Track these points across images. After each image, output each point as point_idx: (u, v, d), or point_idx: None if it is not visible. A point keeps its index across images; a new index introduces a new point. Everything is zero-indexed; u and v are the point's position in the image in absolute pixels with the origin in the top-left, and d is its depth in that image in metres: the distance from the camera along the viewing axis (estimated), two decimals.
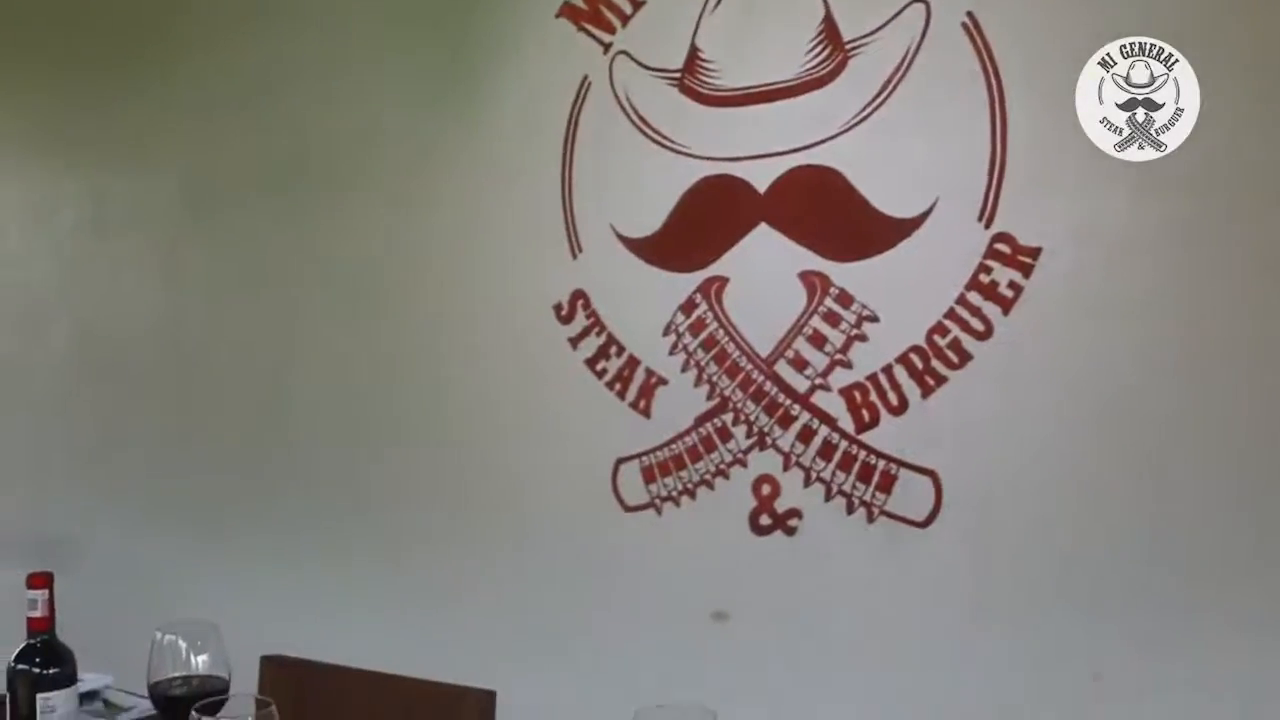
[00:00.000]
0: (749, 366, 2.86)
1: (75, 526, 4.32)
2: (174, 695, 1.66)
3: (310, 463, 3.71)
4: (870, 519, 2.72)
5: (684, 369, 2.96)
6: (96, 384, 4.32)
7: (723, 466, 2.89)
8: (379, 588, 3.53)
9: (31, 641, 1.58)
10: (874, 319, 2.71)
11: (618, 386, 3.06)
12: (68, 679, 1.58)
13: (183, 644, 1.68)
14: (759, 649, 2.83)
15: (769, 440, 2.84)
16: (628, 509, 3.04)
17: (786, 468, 2.82)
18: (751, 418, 2.86)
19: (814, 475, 2.78)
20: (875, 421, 2.71)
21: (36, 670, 1.56)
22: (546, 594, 3.17)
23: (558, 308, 3.16)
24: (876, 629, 2.72)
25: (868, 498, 2.72)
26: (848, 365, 2.75)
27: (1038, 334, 2.54)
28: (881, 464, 2.70)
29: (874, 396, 2.72)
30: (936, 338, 2.63)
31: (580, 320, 3.12)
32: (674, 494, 2.96)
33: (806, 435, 2.79)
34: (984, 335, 2.57)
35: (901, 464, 2.68)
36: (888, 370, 2.69)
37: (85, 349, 4.35)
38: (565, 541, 3.17)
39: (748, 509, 2.86)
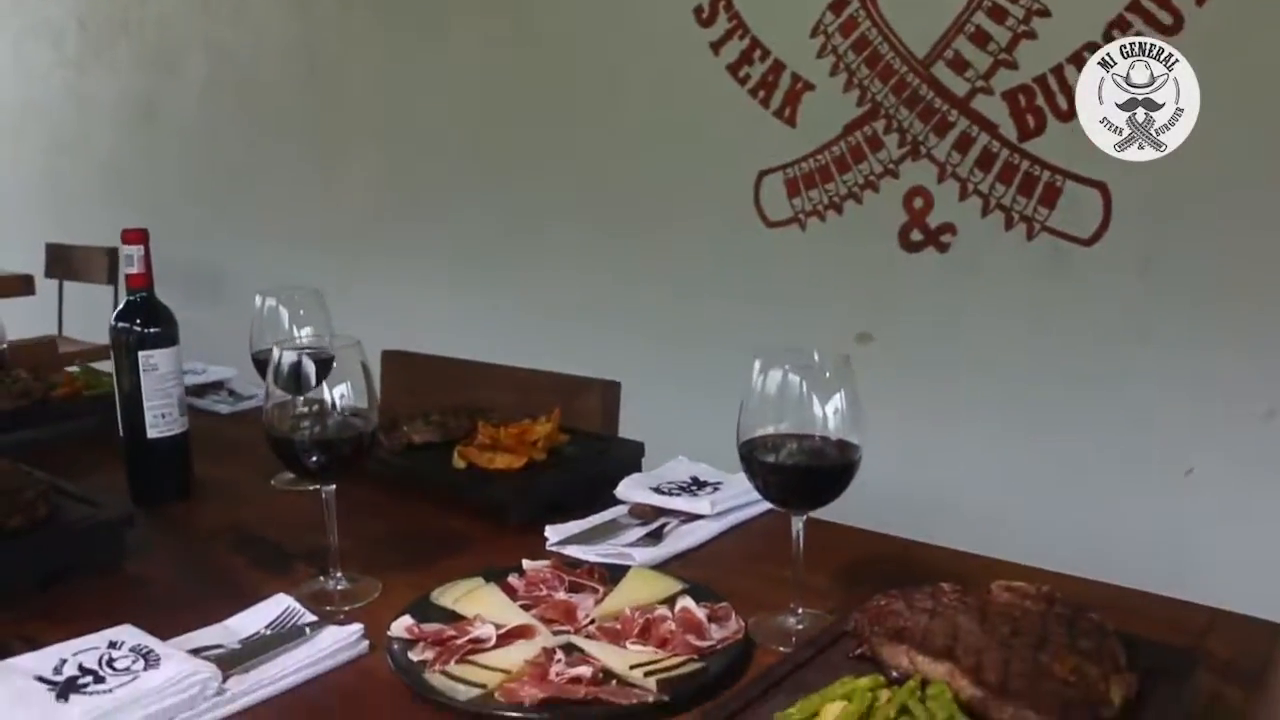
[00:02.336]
0: (903, 69, 2.63)
1: (219, 257, 4.44)
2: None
3: (453, 190, 3.69)
4: (1030, 235, 2.53)
5: (832, 73, 2.74)
6: (235, 114, 4.35)
7: (872, 178, 2.71)
8: (509, 299, 3.54)
9: (131, 299, 1.57)
10: (1045, 13, 2.43)
11: (761, 94, 2.87)
12: (169, 339, 1.56)
13: (284, 311, 1.66)
14: (904, 371, 2.70)
15: (923, 150, 2.64)
16: (770, 224, 2.90)
17: (941, 179, 2.62)
18: (905, 125, 2.65)
19: (971, 187, 2.59)
20: (1041, 129, 2.48)
21: (138, 328, 1.55)
22: (682, 309, 3.09)
23: (698, 11, 2.95)
24: (1033, 350, 2.57)
25: (1029, 212, 2.52)
26: (1013, 66, 2.49)
27: (1235, 26, 2.25)
28: (1046, 175, 2.48)
29: (1040, 100, 2.47)
30: (1115, 33, 2.34)
31: (722, 23, 2.90)
32: (819, 208, 2.80)
33: (964, 143, 2.58)
34: (1172, 30, 2.27)
35: (1068, 175, 2.46)
36: (1058, 71, 2.42)
37: (219, 77, 4.38)
38: (704, 257, 3.08)
39: (898, 224, 2.70)
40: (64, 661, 1.11)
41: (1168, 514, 2.45)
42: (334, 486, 1.32)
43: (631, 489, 1.56)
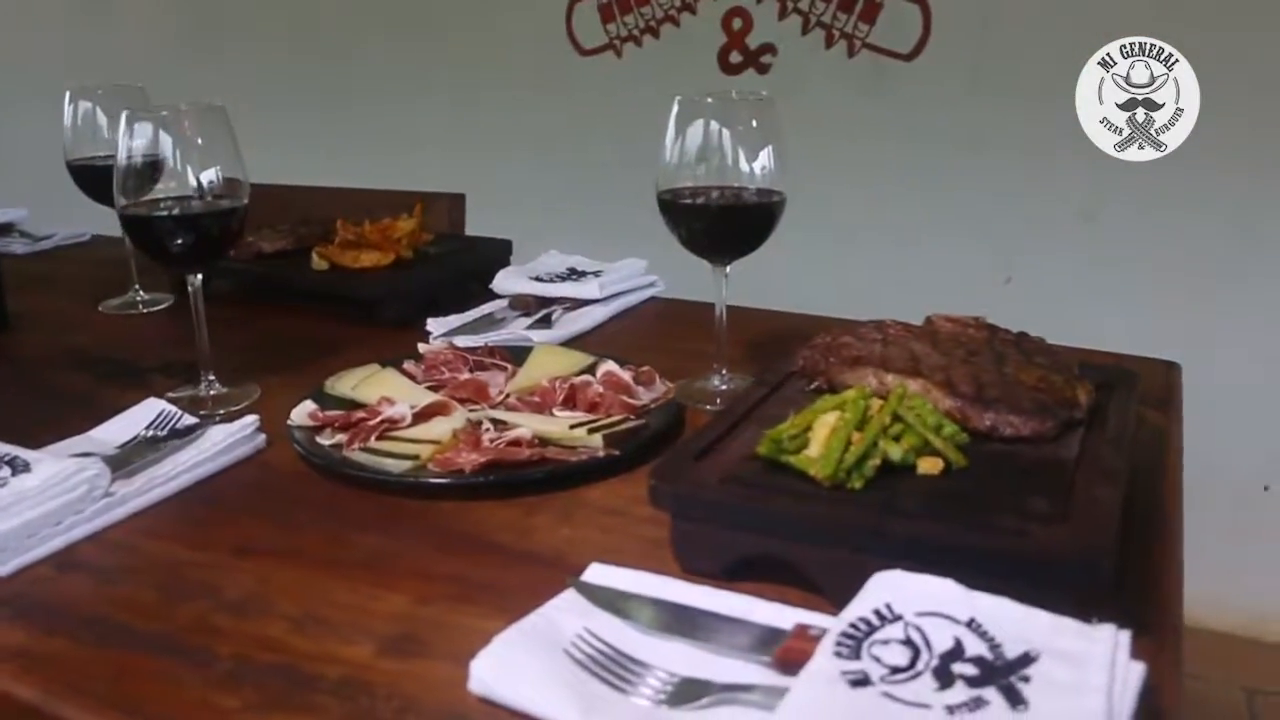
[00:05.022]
0: None
1: None
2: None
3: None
4: (852, 52, 2.51)
5: None
6: None
7: (689, 0, 2.63)
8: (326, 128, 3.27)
9: None
10: None
11: None
12: None
13: (102, 115, 1.46)
14: None
15: None
16: (584, 53, 2.79)
17: None
18: None
19: (790, 6, 2.54)
20: None
21: None
22: (497, 145, 2.94)
23: None
24: (859, 169, 2.56)
25: (849, 29, 2.50)
26: None
27: None
28: None
29: None
30: None
31: None
32: (635, 33, 2.71)
33: None
34: None
35: None
36: None
37: None
38: (516, 88, 2.93)
39: (717, 45, 2.63)
40: None
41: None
42: (200, 277, 1.17)
43: (510, 280, 1.46)
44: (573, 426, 1.02)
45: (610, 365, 1.14)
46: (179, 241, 1.13)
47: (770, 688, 0.68)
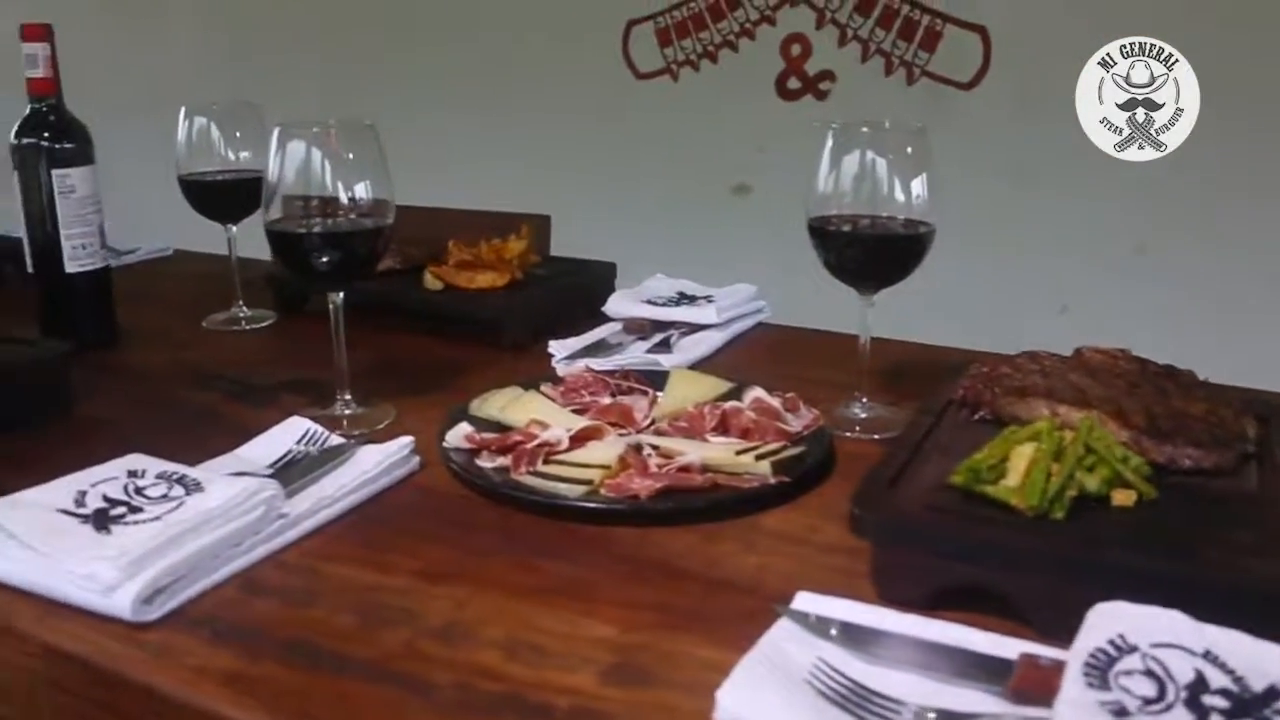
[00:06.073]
0: None
1: None
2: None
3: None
4: (911, 80, 2.52)
5: None
6: None
7: (748, 25, 2.64)
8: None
9: (37, 107, 1.32)
10: None
11: None
12: (85, 156, 1.33)
13: (216, 130, 1.45)
14: (784, 221, 2.65)
15: None
16: (640, 76, 2.79)
17: (820, 25, 2.57)
18: None
19: (850, 33, 2.55)
20: None
21: (47, 143, 1.31)
22: (556, 169, 2.94)
23: None
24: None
25: (909, 57, 2.51)
26: None
27: None
28: (926, 20, 2.47)
29: None
30: None
31: None
32: (692, 58, 2.71)
33: None
34: None
35: (948, 19, 2.45)
36: None
37: None
38: (574, 113, 2.92)
39: (775, 72, 2.64)
40: (83, 493, 0.93)
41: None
42: (342, 295, 1.16)
43: (623, 303, 1.46)
44: (740, 452, 1.02)
45: (759, 392, 1.14)
46: (325, 259, 1.12)
47: (1021, 717, 0.68)
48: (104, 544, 0.85)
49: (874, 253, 1.14)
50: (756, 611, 0.81)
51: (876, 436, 1.14)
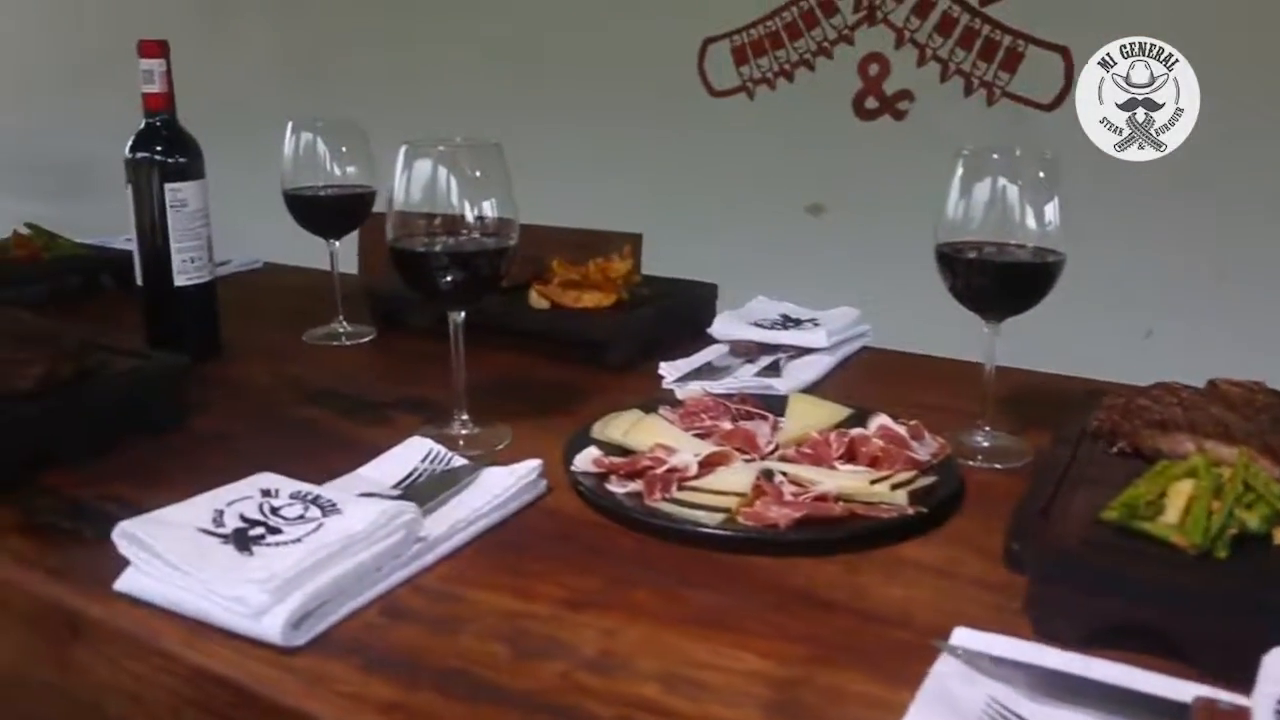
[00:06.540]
0: None
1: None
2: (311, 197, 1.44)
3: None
4: (991, 101, 2.50)
5: None
6: None
7: (826, 44, 2.63)
8: None
9: (151, 122, 1.33)
10: None
11: None
12: (197, 171, 1.34)
13: (323, 146, 1.45)
14: (858, 243, 2.64)
15: (880, 14, 2.56)
16: (715, 93, 2.78)
17: (899, 45, 2.56)
18: None
19: (930, 53, 2.53)
20: None
21: (161, 158, 1.31)
22: (629, 186, 2.93)
23: None
24: None
25: (989, 77, 2.48)
26: None
27: None
28: (1007, 40, 2.45)
29: None
30: None
31: None
32: (769, 76, 2.70)
33: (924, 8, 2.52)
34: None
35: (1030, 40, 2.43)
36: None
37: None
38: (647, 129, 2.90)
39: (852, 91, 2.62)
40: (220, 512, 0.93)
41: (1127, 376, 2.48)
42: (463, 315, 1.15)
43: (730, 325, 1.45)
44: (874, 481, 1.00)
45: (884, 419, 1.12)
46: (449, 278, 1.11)
47: None
48: (248, 566, 0.85)
49: (1004, 281, 1.13)
50: (911, 645, 0.79)
51: (999, 466, 1.12)
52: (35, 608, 0.93)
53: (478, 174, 1.11)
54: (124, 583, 0.88)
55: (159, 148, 1.34)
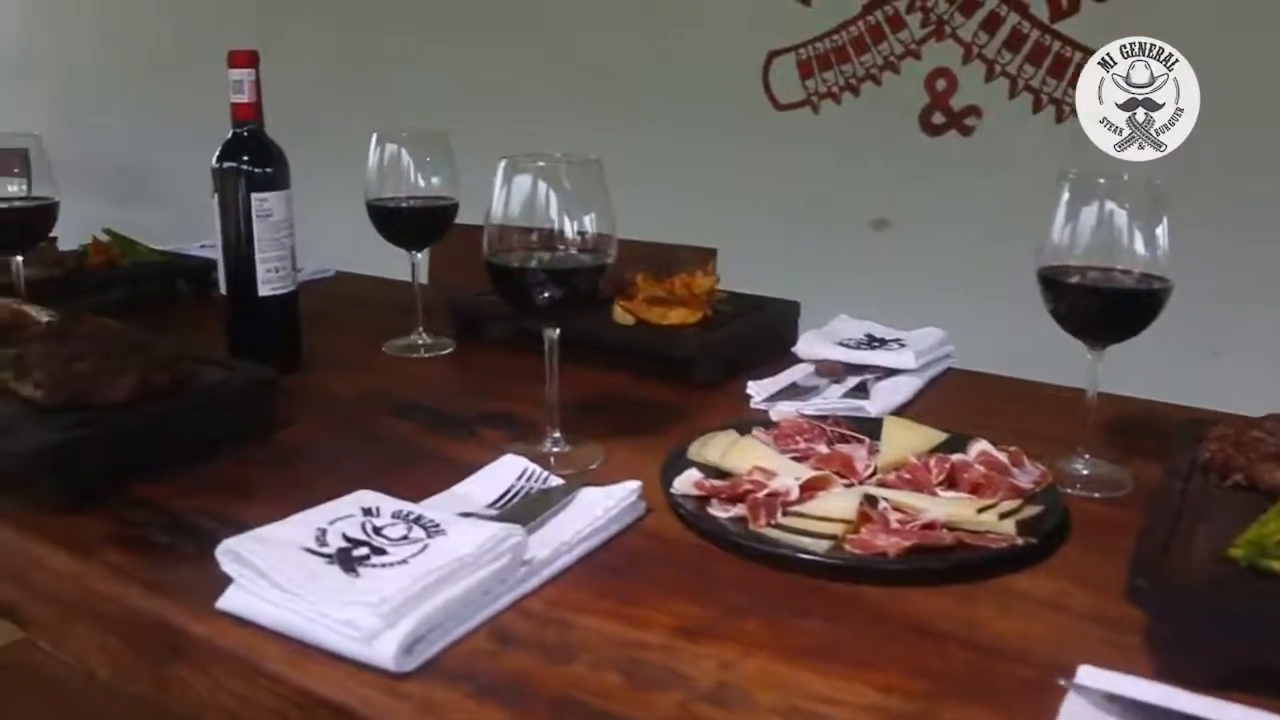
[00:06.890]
0: None
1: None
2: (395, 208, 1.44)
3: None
4: (1060, 118, 2.46)
5: None
6: None
7: (892, 59, 2.60)
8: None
9: (239, 132, 1.33)
10: None
11: None
12: (283, 180, 1.33)
13: (407, 156, 1.45)
14: (923, 259, 2.61)
15: (948, 29, 2.54)
16: (780, 107, 2.76)
17: (967, 60, 2.53)
18: (928, 4, 2.54)
19: (998, 69, 2.50)
20: (1075, 8, 2.41)
21: (248, 168, 1.31)
22: (692, 199, 2.91)
23: None
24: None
25: (1059, 94, 2.45)
26: None
27: None
28: (1078, 56, 2.42)
29: None
30: None
31: None
32: (834, 90, 2.68)
33: (992, 23, 2.49)
34: None
35: None
36: None
37: None
38: (711, 143, 2.89)
39: (919, 106, 2.59)
40: (323, 531, 0.92)
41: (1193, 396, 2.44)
42: (558, 331, 1.14)
43: (815, 345, 1.43)
44: (981, 510, 0.98)
45: (984, 444, 1.10)
46: (546, 294, 1.10)
47: None
48: (356, 588, 0.84)
49: (1111, 307, 1.10)
50: (1034, 683, 0.78)
51: (1098, 495, 1.10)
52: (133, 622, 0.93)
53: (576, 189, 1.10)
54: (226, 601, 0.87)
55: (246, 157, 1.34)
